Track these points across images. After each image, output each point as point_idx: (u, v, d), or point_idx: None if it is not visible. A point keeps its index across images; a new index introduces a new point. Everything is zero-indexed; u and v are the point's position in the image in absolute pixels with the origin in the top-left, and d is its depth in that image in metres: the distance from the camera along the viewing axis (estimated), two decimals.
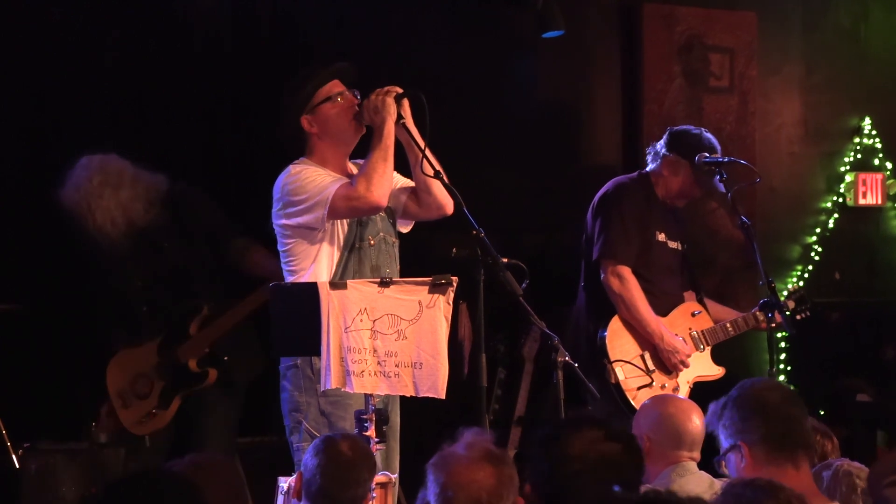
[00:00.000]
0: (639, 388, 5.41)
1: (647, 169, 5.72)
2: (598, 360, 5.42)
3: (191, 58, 6.22)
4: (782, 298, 5.79)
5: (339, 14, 6.42)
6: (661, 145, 5.68)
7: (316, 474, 3.50)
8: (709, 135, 5.68)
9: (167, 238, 5.38)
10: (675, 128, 5.77)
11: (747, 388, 3.43)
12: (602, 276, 5.50)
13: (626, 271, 5.48)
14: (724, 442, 3.42)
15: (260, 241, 5.32)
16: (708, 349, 5.66)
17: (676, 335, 5.57)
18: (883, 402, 6.72)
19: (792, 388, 3.62)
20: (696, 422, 4.18)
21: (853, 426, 6.68)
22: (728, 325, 5.70)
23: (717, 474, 3.55)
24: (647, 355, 5.50)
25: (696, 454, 4.17)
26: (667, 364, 5.51)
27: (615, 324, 5.50)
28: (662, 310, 5.59)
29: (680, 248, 5.72)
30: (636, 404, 5.31)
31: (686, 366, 5.53)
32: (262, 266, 5.30)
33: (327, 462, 3.50)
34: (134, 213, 5.33)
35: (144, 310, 5.40)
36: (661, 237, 5.63)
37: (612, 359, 5.41)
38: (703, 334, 5.65)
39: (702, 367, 5.65)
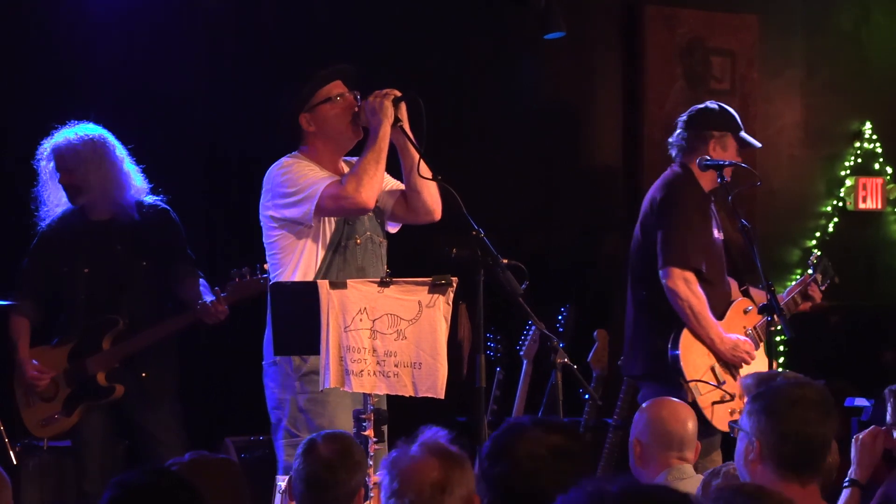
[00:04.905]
0: (713, 404, 5.32)
1: (680, 162, 5.56)
2: (672, 378, 5.33)
3: (193, 56, 6.23)
4: (809, 272, 5.71)
5: (341, 14, 6.42)
6: (699, 128, 5.53)
7: (297, 479, 3.53)
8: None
9: (123, 241, 5.31)
10: (697, 108, 5.64)
11: (780, 392, 3.20)
12: (666, 281, 5.34)
13: (692, 276, 5.35)
14: (743, 423, 3.31)
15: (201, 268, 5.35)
16: (762, 344, 5.56)
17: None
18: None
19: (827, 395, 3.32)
20: (684, 423, 4.18)
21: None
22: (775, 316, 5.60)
23: (730, 438, 3.49)
24: (716, 367, 5.40)
25: (689, 454, 4.16)
26: (732, 362, 5.41)
27: (686, 339, 5.37)
28: (719, 311, 5.50)
29: (723, 237, 5.63)
30: (713, 421, 5.28)
31: (752, 357, 5.43)
32: (191, 293, 5.22)
33: (305, 466, 3.52)
34: (111, 189, 5.26)
35: (82, 297, 5.30)
36: (717, 234, 5.54)
37: (687, 377, 5.32)
38: (757, 330, 5.56)
39: (762, 363, 5.50)
